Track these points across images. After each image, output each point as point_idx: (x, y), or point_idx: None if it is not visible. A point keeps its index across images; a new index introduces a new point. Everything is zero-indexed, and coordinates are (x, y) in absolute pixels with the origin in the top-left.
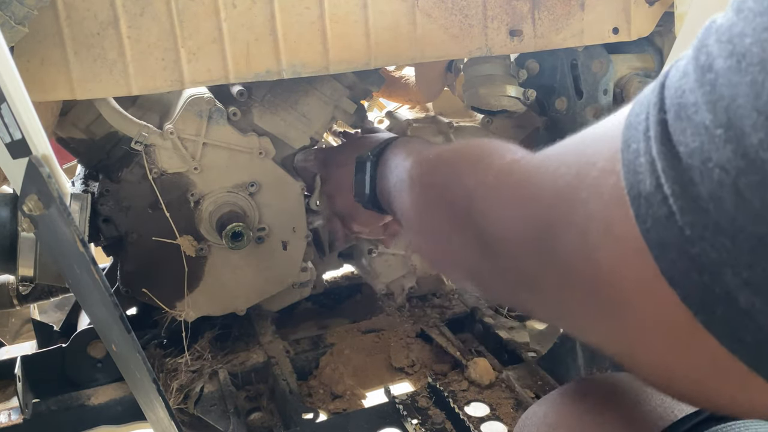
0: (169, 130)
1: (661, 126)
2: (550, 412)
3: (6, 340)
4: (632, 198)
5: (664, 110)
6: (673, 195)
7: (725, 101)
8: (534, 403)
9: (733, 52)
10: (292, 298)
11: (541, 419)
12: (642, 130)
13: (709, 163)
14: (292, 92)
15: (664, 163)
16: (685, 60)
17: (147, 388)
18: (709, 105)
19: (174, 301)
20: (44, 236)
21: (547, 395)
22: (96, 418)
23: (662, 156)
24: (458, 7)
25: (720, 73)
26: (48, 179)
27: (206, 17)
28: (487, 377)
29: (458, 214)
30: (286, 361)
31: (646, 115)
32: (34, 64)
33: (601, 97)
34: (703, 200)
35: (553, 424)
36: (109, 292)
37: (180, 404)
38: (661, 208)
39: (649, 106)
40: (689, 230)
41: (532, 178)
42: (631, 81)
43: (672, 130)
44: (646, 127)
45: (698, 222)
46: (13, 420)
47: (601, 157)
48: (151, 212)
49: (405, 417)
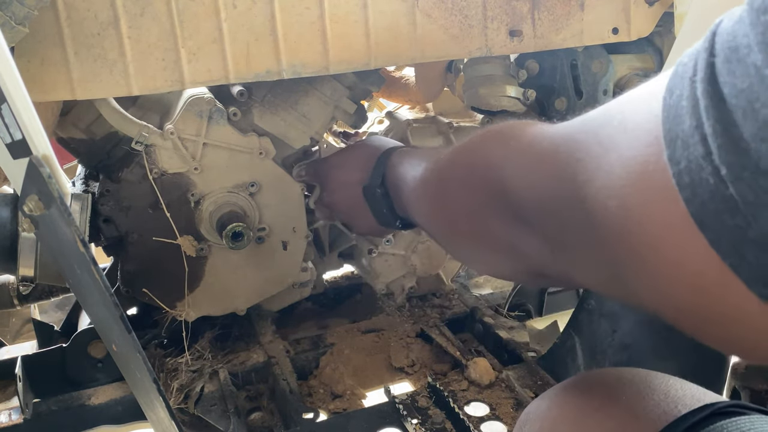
0: (170, 131)
1: (709, 69)
2: (552, 406)
3: (6, 340)
4: (668, 141)
5: (714, 54)
6: (714, 134)
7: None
8: (537, 398)
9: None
10: (292, 298)
11: (544, 413)
12: (688, 76)
13: (756, 103)
14: (292, 92)
15: (707, 101)
16: (740, 8)
17: (147, 387)
18: (762, 45)
19: (174, 301)
20: (45, 236)
21: (550, 389)
22: (96, 417)
23: (707, 95)
24: (458, 7)
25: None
26: (48, 179)
27: (206, 17)
28: (486, 377)
29: (489, 189)
30: (286, 360)
31: (694, 63)
32: (34, 65)
33: (601, 97)
34: (744, 141)
35: (555, 417)
36: (110, 292)
37: (180, 404)
38: (698, 148)
39: (698, 53)
40: (725, 169)
41: (571, 136)
42: (631, 81)
43: (719, 71)
44: (693, 71)
45: (736, 162)
46: (13, 420)
47: (643, 107)
48: (151, 212)
49: (405, 417)
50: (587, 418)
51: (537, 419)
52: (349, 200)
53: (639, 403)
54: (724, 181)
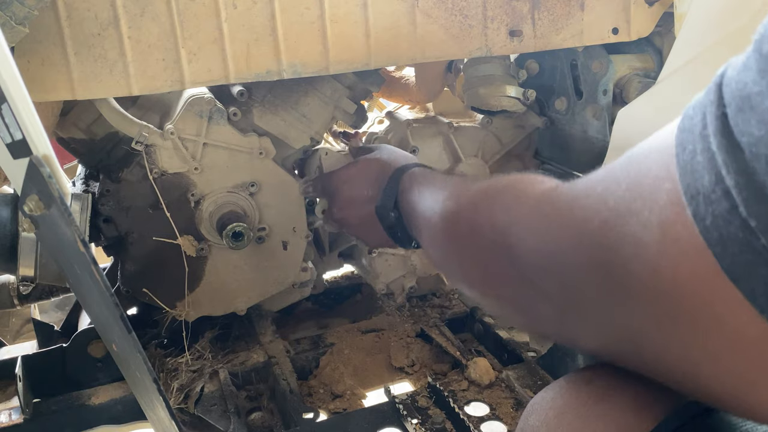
0: (170, 131)
1: (720, 121)
2: (557, 398)
3: (7, 340)
4: (689, 198)
5: (723, 105)
6: (737, 186)
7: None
8: (542, 390)
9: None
10: (293, 298)
11: (549, 404)
12: (698, 130)
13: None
14: (293, 92)
15: (725, 155)
16: (742, 56)
17: (147, 387)
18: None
19: (174, 300)
20: (45, 236)
21: (555, 381)
22: (96, 417)
23: (723, 149)
24: (458, 7)
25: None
26: (49, 179)
27: (207, 17)
28: (486, 377)
29: (496, 251)
30: (287, 360)
31: (702, 116)
32: (34, 65)
33: (601, 97)
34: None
35: (560, 407)
36: (110, 292)
37: (180, 404)
38: (722, 203)
39: (705, 106)
40: (754, 221)
41: (578, 201)
42: (631, 81)
43: (733, 122)
44: (703, 125)
45: (765, 213)
46: (13, 420)
47: (653, 165)
48: (151, 212)
49: (405, 417)
50: (592, 408)
51: (542, 410)
52: (360, 217)
53: (643, 393)
54: (755, 233)
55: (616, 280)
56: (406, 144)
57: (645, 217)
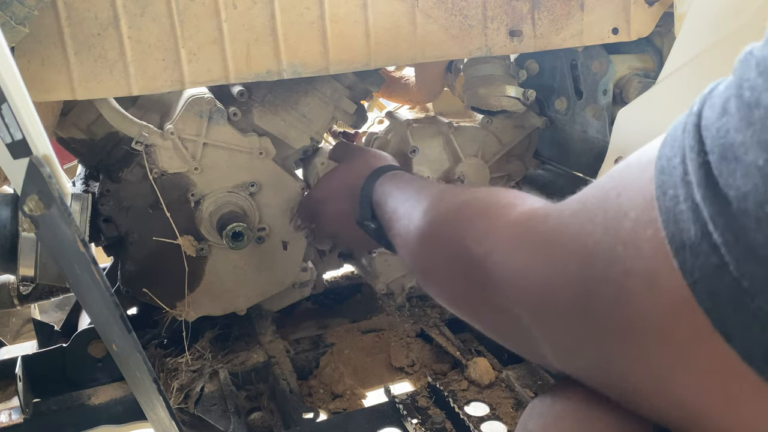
0: (170, 131)
1: (703, 169)
2: (556, 402)
3: (7, 340)
4: (675, 249)
5: (705, 152)
6: (726, 244)
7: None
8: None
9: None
10: (293, 298)
11: (548, 409)
12: (679, 175)
13: (767, 206)
14: (293, 92)
15: (711, 209)
16: (720, 97)
17: (147, 387)
18: (761, 144)
19: (174, 300)
20: (45, 236)
21: (553, 384)
22: (96, 417)
23: (708, 201)
24: (458, 7)
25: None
26: (49, 179)
27: (207, 18)
28: (487, 377)
29: (473, 278)
30: (287, 360)
31: (681, 159)
32: (35, 65)
33: (601, 97)
34: (762, 248)
35: (558, 413)
36: (110, 292)
37: (180, 404)
38: (711, 258)
39: (684, 148)
40: (747, 282)
41: (557, 235)
42: (631, 81)
43: (717, 173)
44: (684, 171)
45: (758, 273)
46: (13, 420)
47: (633, 206)
48: (151, 212)
49: (405, 416)
50: (590, 411)
51: (541, 414)
52: (345, 231)
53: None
54: (749, 293)
55: (597, 321)
56: (406, 144)
57: (628, 266)
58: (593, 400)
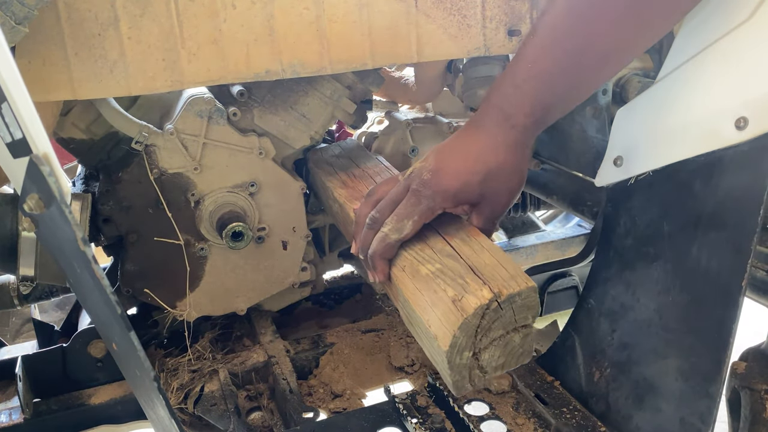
0: (170, 130)
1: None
2: None
3: (7, 340)
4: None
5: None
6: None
7: None
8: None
9: None
10: (293, 297)
11: None
12: None
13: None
14: (292, 92)
15: None
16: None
17: (148, 386)
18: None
19: (175, 300)
20: (45, 235)
21: None
22: (96, 417)
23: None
24: (457, 7)
25: None
26: (49, 177)
27: (206, 18)
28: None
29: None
30: (287, 360)
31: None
32: (35, 65)
33: (601, 96)
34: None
35: None
36: (110, 290)
37: (180, 403)
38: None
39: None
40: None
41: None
42: (631, 81)
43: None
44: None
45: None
46: (14, 419)
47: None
48: (151, 212)
49: (405, 416)
50: None
51: None
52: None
53: None
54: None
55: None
56: (406, 144)
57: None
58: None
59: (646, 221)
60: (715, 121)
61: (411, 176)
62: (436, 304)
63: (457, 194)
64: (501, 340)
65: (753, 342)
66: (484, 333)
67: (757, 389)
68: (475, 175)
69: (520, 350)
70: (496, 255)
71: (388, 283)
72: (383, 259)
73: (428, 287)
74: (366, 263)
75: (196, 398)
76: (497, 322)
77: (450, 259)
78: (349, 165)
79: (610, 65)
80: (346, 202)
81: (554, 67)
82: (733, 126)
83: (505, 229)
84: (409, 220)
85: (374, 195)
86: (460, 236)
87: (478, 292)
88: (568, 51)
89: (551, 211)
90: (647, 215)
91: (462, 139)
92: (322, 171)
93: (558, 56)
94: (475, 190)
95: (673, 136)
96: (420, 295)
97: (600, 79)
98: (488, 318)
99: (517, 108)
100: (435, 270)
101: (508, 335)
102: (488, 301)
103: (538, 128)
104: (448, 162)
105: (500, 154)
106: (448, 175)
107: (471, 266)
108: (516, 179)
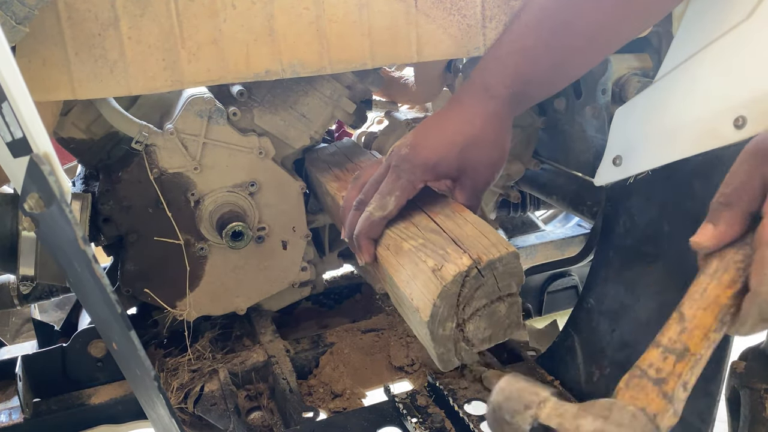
0: (170, 130)
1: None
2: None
3: (6, 340)
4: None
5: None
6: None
7: None
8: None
9: None
10: (292, 297)
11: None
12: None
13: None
14: (292, 92)
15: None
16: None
17: (148, 386)
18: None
19: (175, 300)
20: (45, 235)
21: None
22: (96, 417)
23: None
24: (456, 7)
25: None
26: (49, 176)
27: (206, 18)
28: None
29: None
30: (286, 360)
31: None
32: (35, 65)
33: (600, 96)
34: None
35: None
36: (110, 290)
37: (180, 403)
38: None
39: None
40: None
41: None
42: (630, 80)
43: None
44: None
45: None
46: (13, 419)
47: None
48: (151, 212)
49: (405, 416)
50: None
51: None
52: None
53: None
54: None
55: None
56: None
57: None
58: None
59: (646, 220)
60: (714, 120)
61: (391, 154)
62: (417, 276)
63: (436, 166)
64: (485, 309)
65: (752, 341)
66: (467, 302)
67: (756, 388)
68: (453, 146)
69: (507, 321)
70: (479, 227)
71: (375, 265)
72: (368, 238)
73: (410, 261)
74: (352, 245)
75: (196, 398)
76: (480, 290)
77: (433, 234)
78: (344, 161)
79: (595, 47)
80: (337, 193)
81: (538, 43)
82: (732, 125)
83: (505, 229)
84: (391, 196)
85: (360, 179)
86: (445, 212)
87: (458, 260)
88: (552, 29)
89: (551, 211)
90: (647, 214)
91: (441, 114)
92: (318, 169)
93: (542, 34)
94: (454, 162)
95: (672, 136)
96: (402, 269)
97: (585, 61)
98: (469, 286)
99: (496, 78)
100: (417, 245)
101: (492, 305)
102: (467, 268)
103: (519, 102)
104: (426, 135)
105: (477, 125)
106: (426, 148)
107: (453, 238)
108: (496, 152)
